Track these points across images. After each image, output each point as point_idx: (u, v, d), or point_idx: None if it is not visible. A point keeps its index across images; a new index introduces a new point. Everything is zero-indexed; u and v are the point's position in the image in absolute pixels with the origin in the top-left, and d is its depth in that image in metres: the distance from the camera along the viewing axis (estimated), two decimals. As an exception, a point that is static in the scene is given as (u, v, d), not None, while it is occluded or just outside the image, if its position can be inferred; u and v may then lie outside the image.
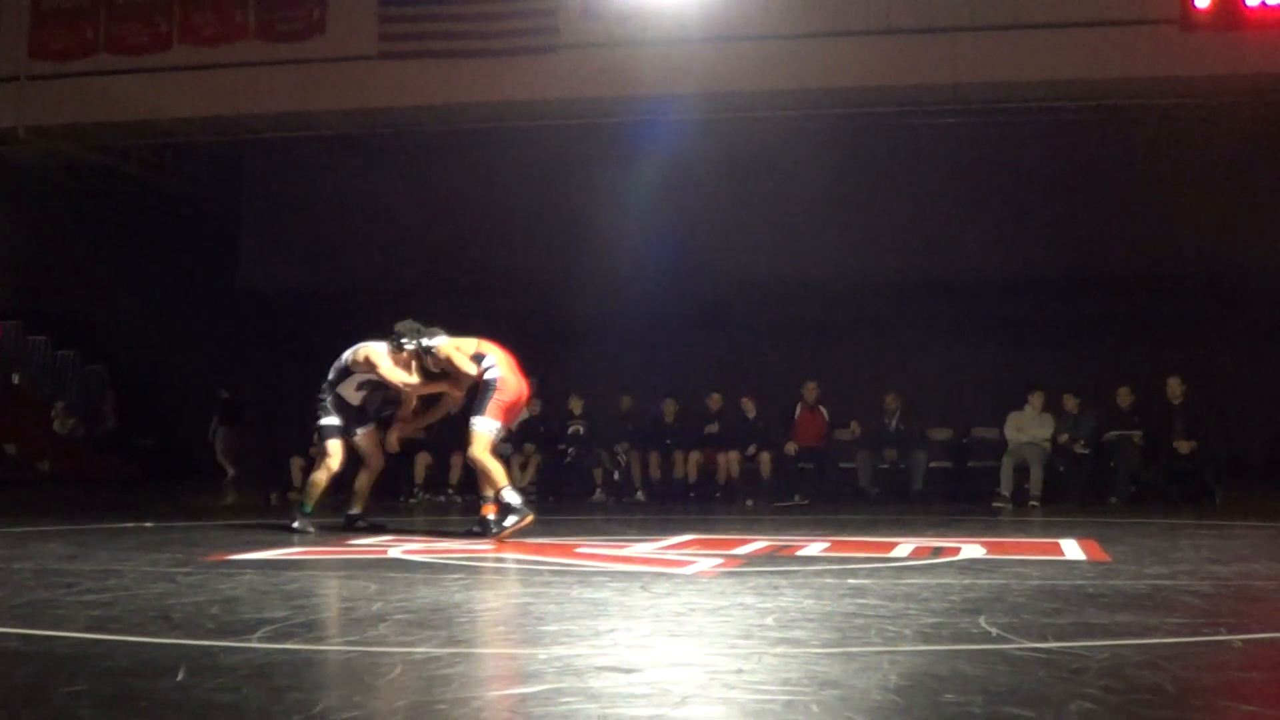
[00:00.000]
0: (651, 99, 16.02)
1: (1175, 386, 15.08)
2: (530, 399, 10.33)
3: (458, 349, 9.98)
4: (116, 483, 19.23)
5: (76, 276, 20.83)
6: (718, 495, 16.06)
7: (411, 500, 15.80)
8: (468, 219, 19.46)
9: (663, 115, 16.59)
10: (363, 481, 10.71)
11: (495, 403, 9.74)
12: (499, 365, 9.84)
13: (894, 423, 16.23)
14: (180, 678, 4.24)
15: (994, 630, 5.17)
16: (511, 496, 9.61)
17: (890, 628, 5.24)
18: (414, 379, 10.16)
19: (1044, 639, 4.97)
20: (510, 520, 9.46)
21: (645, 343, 18.65)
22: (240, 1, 16.59)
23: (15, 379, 21.41)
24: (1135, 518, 12.30)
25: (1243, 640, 5.08)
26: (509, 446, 17.25)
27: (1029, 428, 15.31)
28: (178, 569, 7.61)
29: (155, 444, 21.38)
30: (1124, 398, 15.31)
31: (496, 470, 9.71)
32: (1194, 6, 14.59)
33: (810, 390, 16.32)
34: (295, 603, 6.04)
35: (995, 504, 14.57)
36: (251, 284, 21.01)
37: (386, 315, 10.34)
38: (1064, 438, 15.20)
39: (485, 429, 9.73)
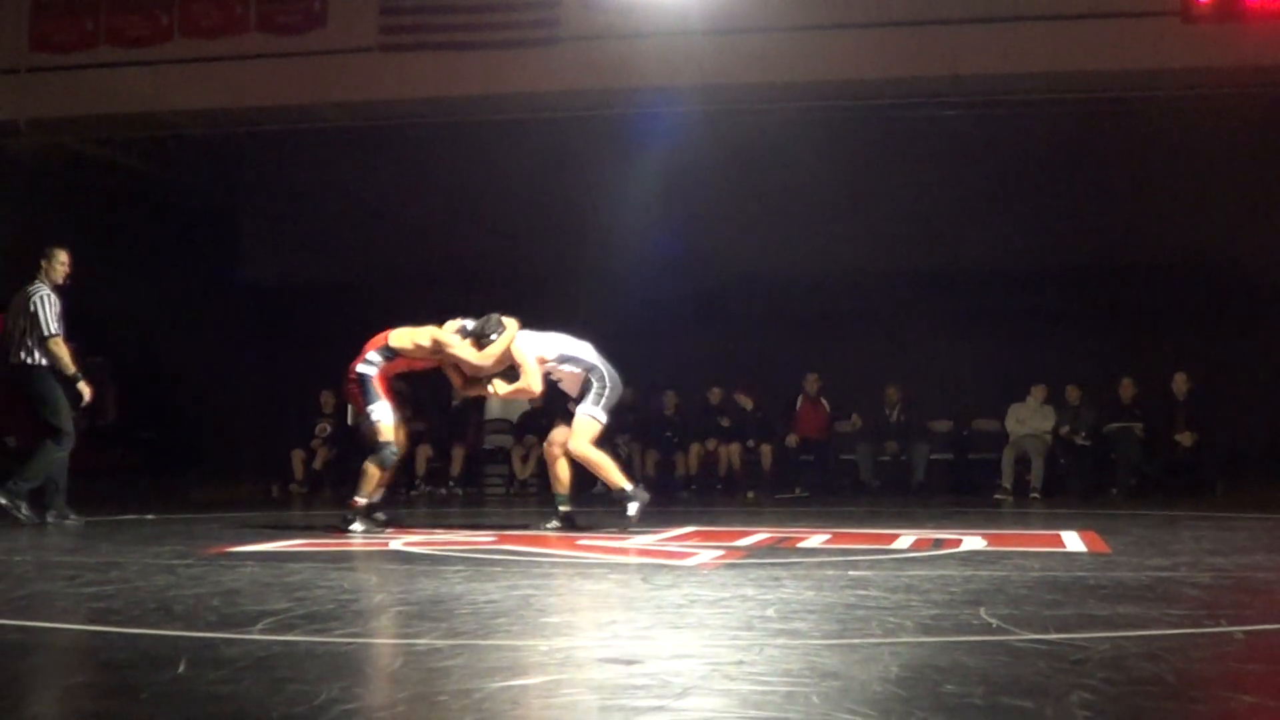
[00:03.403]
0: (652, 91, 16.00)
1: (1181, 383, 15.09)
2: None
3: None
4: (117, 475, 19.21)
5: (77, 269, 20.76)
6: (719, 487, 16.08)
7: (412, 493, 15.82)
8: (468, 211, 19.45)
9: (663, 107, 16.56)
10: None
11: None
12: None
13: (895, 415, 16.24)
14: (181, 670, 4.24)
15: (995, 622, 5.17)
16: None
17: (891, 619, 5.24)
18: None
19: (1045, 630, 4.97)
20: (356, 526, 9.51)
21: (645, 335, 18.62)
22: (241, -7, 16.59)
23: (16, 371, 21.37)
24: (1136, 509, 12.32)
25: (1244, 631, 5.09)
26: (510, 438, 17.28)
27: (1030, 420, 15.31)
28: (179, 561, 7.62)
29: (157, 436, 21.36)
30: (1126, 389, 15.31)
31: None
32: (1195, -2, 14.59)
33: (812, 382, 16.33)
34: (296, 595, 6.04)
35: (996, 496, 14.59)
36: (252, 277, 21.00)
37: (387, 307, 10.39)
38: (1065, 429, 15.21)
39: None
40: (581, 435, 9.76)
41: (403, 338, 9.73)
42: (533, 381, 9.84)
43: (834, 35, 15.33)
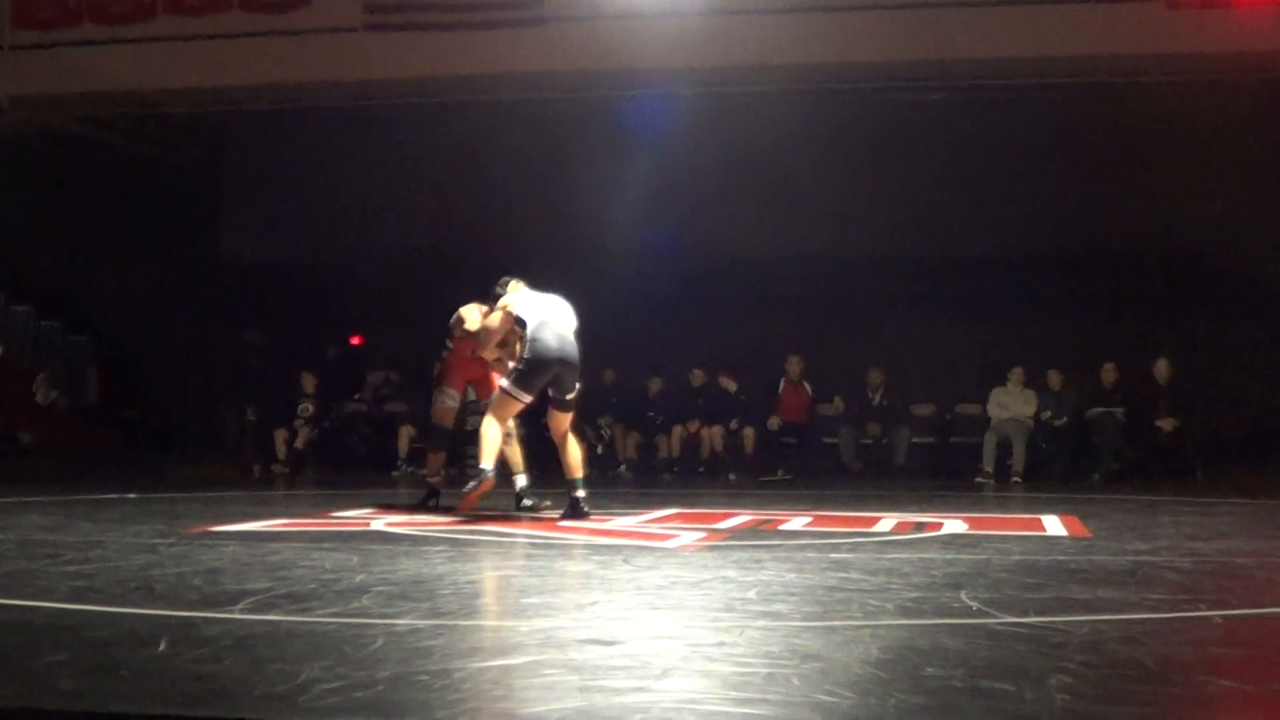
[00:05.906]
0: (638, 72, 15.97)
1: (1163, 369, 15.13)
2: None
3: None
4: (99, 454, 19.16)
5: (59, 247, 20.72)
6: (701, 469, 16.09)
7: (395, 473, 15.81)
8: (452, 192, 19.39)
9: (649, 89, 16.54)
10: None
11: None
12: None
13: (877, 398, 16.25)
14: (162, 648, 4.24)
15: (975, 605, 5.19)
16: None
17: (872, 602, 5.26)
18: None
19: (1025, 614, 4.99)
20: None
21: (630, 317, 18.62)
22: (225, -29, 16.52)
23: (-3, 350, 21.33)
24: (1117, 494, 12.35)
25: (1222, 616, 5.11)
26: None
27: (1012, 404, 15.34)
28: (160, 540, 7.60)
29: (138, 415, 21.32)
30: (1108, 374, 15.35)
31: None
32: (1181, -17, 14.61)
33: (794, 365, 16.33)
34: (278, 574, 6.04)
35: (978, 480, 14.61)
36: (234, 255, 20.93)
37: (369, 287, 10.39)
38: (1047, 414, 15.24)
39: None
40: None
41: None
42: (481, 339, 9.54)
43: (819, 18, 15.33)
